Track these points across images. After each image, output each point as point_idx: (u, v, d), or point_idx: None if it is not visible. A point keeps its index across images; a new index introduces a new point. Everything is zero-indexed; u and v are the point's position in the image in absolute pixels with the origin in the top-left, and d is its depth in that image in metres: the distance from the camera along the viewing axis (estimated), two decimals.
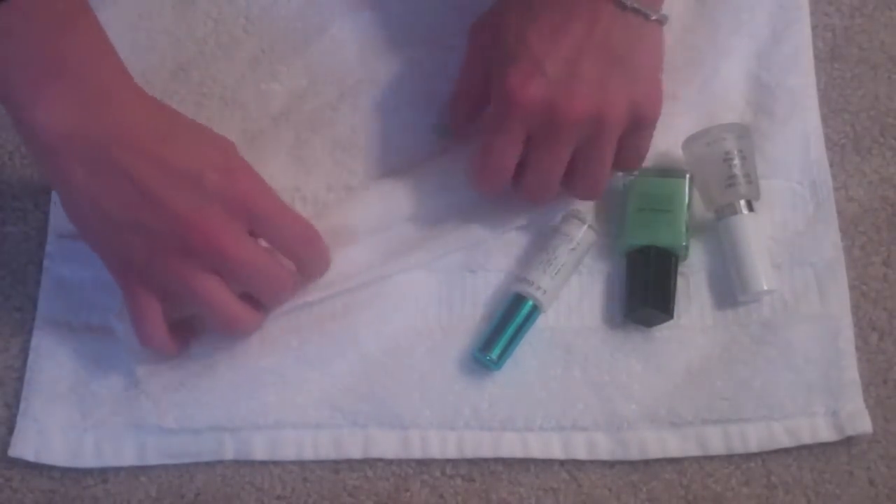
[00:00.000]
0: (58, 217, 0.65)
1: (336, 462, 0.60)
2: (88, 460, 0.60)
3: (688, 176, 0.62)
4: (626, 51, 0.56)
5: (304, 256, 0.59)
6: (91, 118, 0.51)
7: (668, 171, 0.63)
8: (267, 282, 0.57)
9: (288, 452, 0.60)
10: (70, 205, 0.55)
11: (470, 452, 0.60)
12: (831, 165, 0.66)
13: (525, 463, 0.60)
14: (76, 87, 0.51)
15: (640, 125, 0.58)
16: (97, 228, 0.55)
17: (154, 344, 0.58)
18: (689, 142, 0.63)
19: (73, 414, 0.60)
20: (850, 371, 0.60)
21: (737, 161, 0.61)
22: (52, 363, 0.62)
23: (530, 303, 0.60)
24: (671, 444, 0.59)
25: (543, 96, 0.55)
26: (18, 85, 0.51)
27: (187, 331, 0.61)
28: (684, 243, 0.61)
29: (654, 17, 0.56)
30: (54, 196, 0.66)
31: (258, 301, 0.58)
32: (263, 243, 0.57)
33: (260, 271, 0.56)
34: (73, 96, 0.51)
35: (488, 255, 0.63)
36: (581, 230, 0.61)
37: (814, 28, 0.69)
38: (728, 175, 0.61)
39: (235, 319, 0.57)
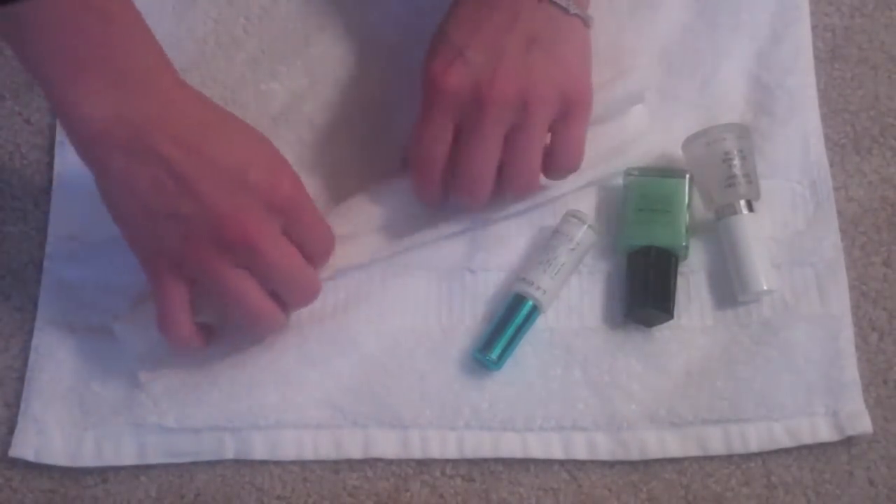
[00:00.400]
0: (58, 217, 0.65)
1: (336, 462, 0.60)
2: (88, 460, 0.60)
3: (688, 176, 0.62)
4: (549, 40, 0.57)
5: (320, 259, 0.59)
6: (131, 107, 0.51)
7: (668, 171, 0.63)
8: (298, 285, 0.57)
9: (288, 452, 0.60)
10: (107, 192, 0.54)
11: (470, 452, 0.60)
12: (831, 165, 0.66)
13: (525, 463, 0.60)
14: (115, 77, 0.51)
15: (569, 112, 0.58)
16: (132, 216, 0.54)
17: (177, 335, 0.56)
18: (689, 142, 0.63)
19: (74, 414, 0.60)
20: (851, 371, 0.60)
21: (737, 161, 0.62)
22: (53, 363, 0.62)
23: (530, 303, 0.60)
24: (671, 445, 0.59)
25: (466, 80, 0.56)
26: (58, 76, 0.51)
27: (210, 329, 0.60)
28: (684, 243, 0.61)
29: (573, 12, 0.57)
30: (54, 196, 0.66)
31: (283, 302, 0.58)
32: None
33: (292, 273, 0.56)
34: (112, 86, 0.51)
35: (488, 255, 0.63)
36: (581, 230, 0.61)
37: (814, 28, 0.69)
38: (728, 175, 0.61)
39: (262, 316, 0.56)
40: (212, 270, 0.54)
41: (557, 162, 0.60)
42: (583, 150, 0.60)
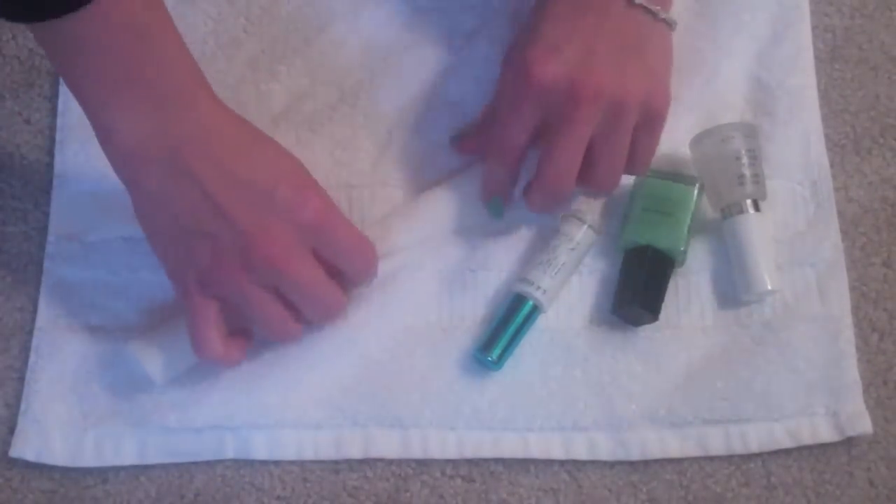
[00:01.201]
0: (58, 217, 0.65)
1: (336, 462, 0.60)
2: (89, 460, 0.60)
3: (698, 185, 0.62)
4: (637, 44, 0.57)
5: (360, 276, 0.60)
6: (165, 127, 0.52)
7: (680, 177, 0.62)
8: (322, 305, 0.57)
9: (288, 452, 0.60)
10: (140, 208, 0.55)
11: (470, 452, 0.60)
12: (831, 166, 0.66)
13: (525, 463, 0.60)
14: (151, 97, 0.52)
15: (651, 120, 0.58)
16: (163, 232, 0.55)
17: (210, 353, 0.57)
18: (699, 139, 0.63)
19: (74, 414, 0.60)
20: (851, 371, 0.60)
21: (746, 160, 0.61)
22: (53, 363, 0.62)
23: (530, 303, 0.60)
24: (671, 445, 0.59)
25: (563, 74, 0.56)
26: (96, 92, 0.52)
27: (244, 341, 0.60)
28: (683, 248, 0.61)
29: (661, 17, 0.57)
30: (54, 196, 0.66)
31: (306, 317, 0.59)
32: None
33: (316, 294, 0.57)
34: (147, 106, 0.52)
35: (488, 255, 0.63)
36: (581, 230, 0.61)
37: (814, 28, 0.69)
38: (738, 174, 0.61)
39: (286, 333, 0.58)
40: (239, 289, 0.54)
41: (634, 163, 0.60)
42: (654, 153, 0.60)
